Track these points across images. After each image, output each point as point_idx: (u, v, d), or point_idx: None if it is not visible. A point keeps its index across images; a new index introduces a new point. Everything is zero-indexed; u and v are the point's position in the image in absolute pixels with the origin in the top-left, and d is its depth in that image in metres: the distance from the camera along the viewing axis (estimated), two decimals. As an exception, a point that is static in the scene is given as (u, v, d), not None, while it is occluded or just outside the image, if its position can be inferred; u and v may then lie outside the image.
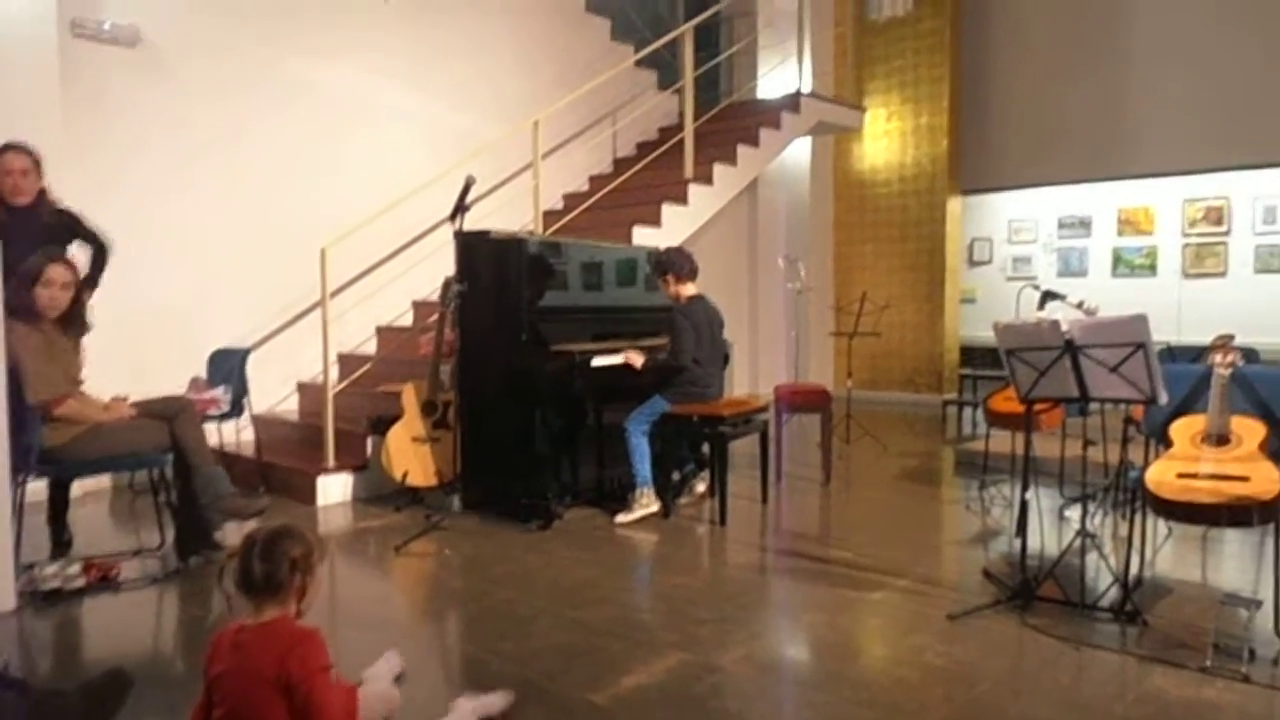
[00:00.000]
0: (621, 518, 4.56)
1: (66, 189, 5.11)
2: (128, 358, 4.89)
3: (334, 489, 5.10)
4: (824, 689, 2.66)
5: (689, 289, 4.80)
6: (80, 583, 3.50)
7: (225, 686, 1.81)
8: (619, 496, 4.75)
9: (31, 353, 3.48)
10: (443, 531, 4.35)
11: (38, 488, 3.81)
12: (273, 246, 6.09)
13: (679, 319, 4.64)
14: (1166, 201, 8.56)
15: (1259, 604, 3.10)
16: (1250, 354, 4.54)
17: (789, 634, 3.19)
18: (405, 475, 4.82)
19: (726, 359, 5.41)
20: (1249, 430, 3.09)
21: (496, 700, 2.47)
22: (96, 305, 4.12)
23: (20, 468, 3.47)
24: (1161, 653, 2.83)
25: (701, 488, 5.09)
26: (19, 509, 3.43)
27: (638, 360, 4.71)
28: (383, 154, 6.68)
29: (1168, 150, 8.17)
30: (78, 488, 4.98)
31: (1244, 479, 2.87)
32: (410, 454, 4.86)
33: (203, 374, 5.47)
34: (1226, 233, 8.25)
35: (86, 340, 3.89)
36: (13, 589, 3.30)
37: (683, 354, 4.61)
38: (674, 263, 4.78)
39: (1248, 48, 7.74)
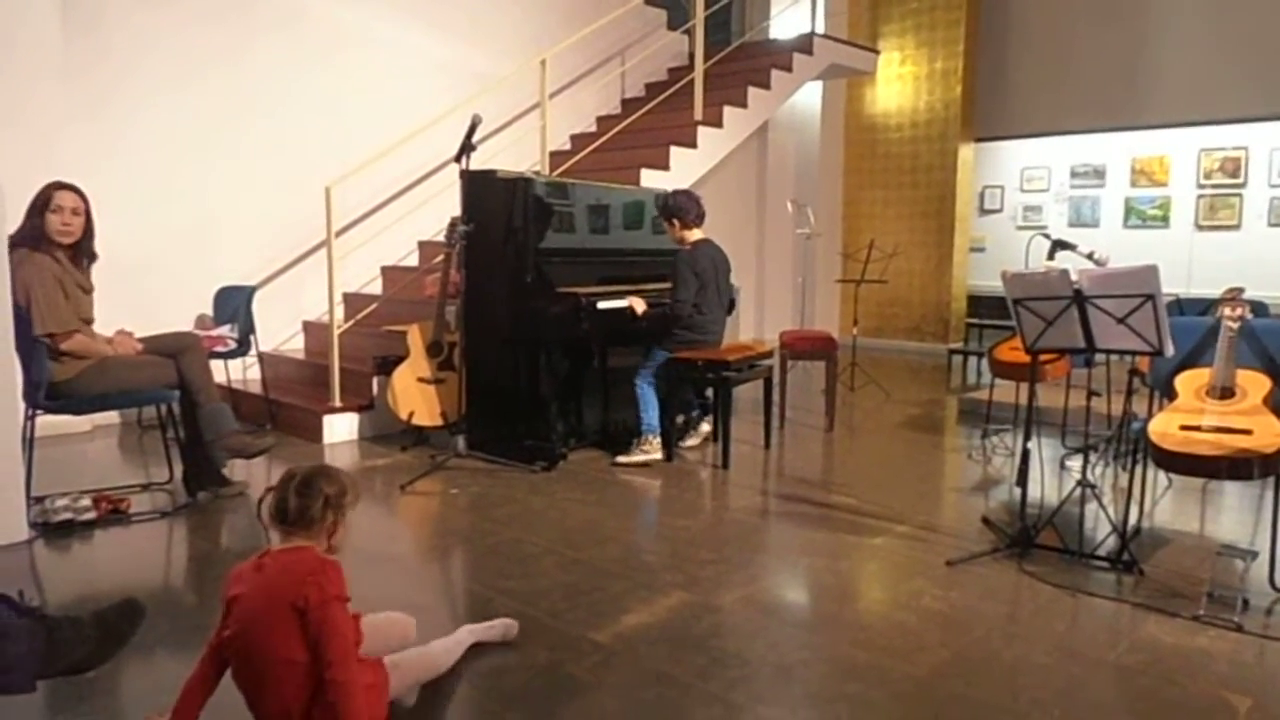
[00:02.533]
0: (621, 459, 4.60)
1: (66, 116, 5.07)
2: (132, 294, 4.89)
3: (340, 427, 5.14)
4: (822, 631, 2.70)
5: (695, 234, 4.76)
6: (91, 515, 3.55)
7: (240, 607, 1.85)
8: (623, 440, 4.78)
9: (45, 284, 3.48)
10: (448, 471, 4.39)
11: (48, 421, 3.84)
12: (277, 184, 6.05)
13: (681, 266, 4.60)
14: (1182, 151, 8.45)
15: (1255, 555, 3.13)
16: (1259, 307, 4.51)
17: (789, 577, 3.23)
18: (411, 415, 4.85)
19: (733, 304, 5.39)
20: (1254, 383, 3.09)
21: (497, 626, 2.55)
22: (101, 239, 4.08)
23: (30, 402, 3.50)
24: (1156, 601, 2.86)
25: (706, 428, 5.12)
26: (29, 442, 3.47)
27: (640, 307, 4.70)
28: (389, 91, 6.60)
29: (1186, 99, 8.02)
30: (87, 422, 5.05)
31: (1247, 432, 2.87)
32: (416, 394, 4.88)
33: (209, 311, 5.48)
34: (1242, 185, 8.15)
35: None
36: (24, 520, 3.36)
37: (682, 302, 4.58)
38: (680, 207, 4.72)
39: (1273, -6, 7.55)
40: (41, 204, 3.54)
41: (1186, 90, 8.02)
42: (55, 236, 3.56)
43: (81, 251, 3.70)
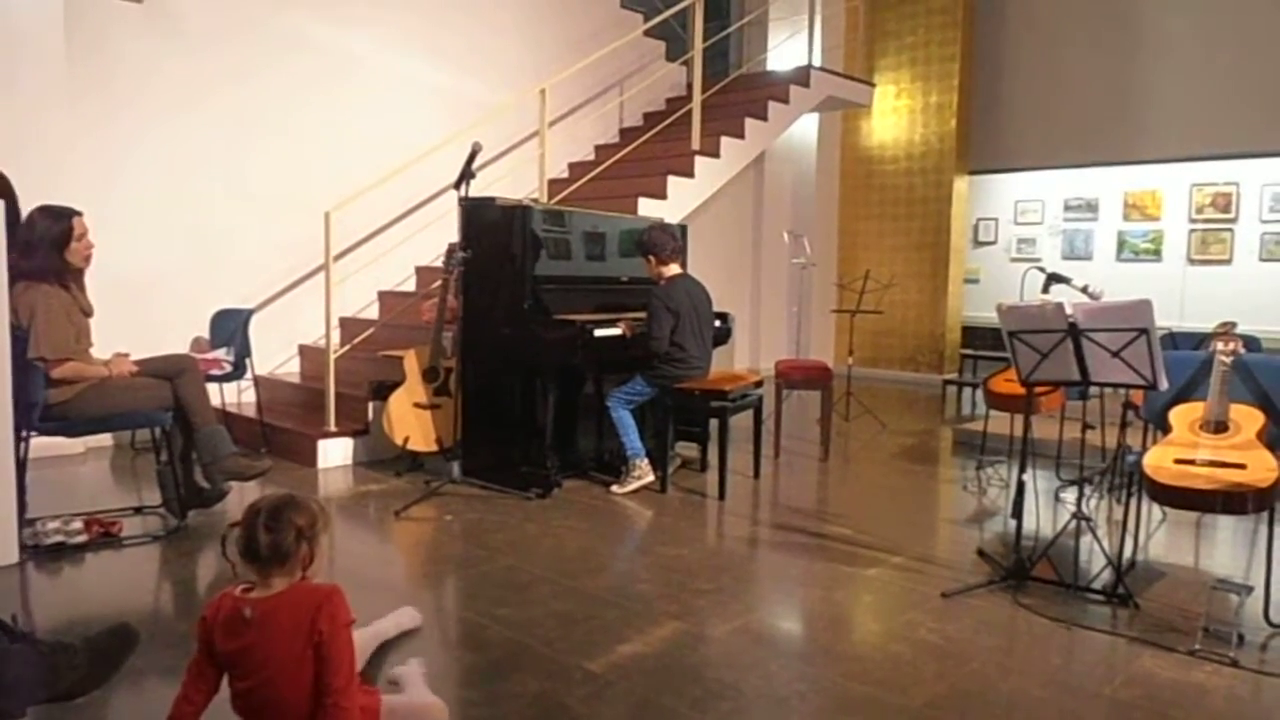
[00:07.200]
0: (617, 489, 4.59)
1: (70, 140, 5.09)
2: (131, 316, 4.89)
3: (335, 452, 5.12)
4: (817, 662, 2.69)
5: (671, 269, 4.70)
6: (82, 538, 3.53)
7: (252, 660, 1.80)
8: (618, 468, 4.77)
9: (53, 311, 3.49)
10: (443, 497, 4.38)
11: (40, 443, 3.82)
12: (277, 208, 6.08)
13: (655, 303, 4.54)
14: (1174, 186, 8.52)
15: (1250, 590, 3.13)
16: (1252, 342, 4.54)
17: (784, 607, 3.22)
18: (406, 440, 4.84)
19: (728, 333, 5.40)
20: (1248, 418, 3.10)
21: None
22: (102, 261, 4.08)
23: (24, 424, 3.49)
24: (1152, 635, 2.86)
25: (680, 455, 5.11)
26: (22, 464, 3.46)
27: (626, 331, 4.70)
28: (389, 118, 6.65)
29: (1177, 135, 8.12)
30: (80, 444, 5.03)
31: (1240, 466, 2.88)
32: (411, 419, 4.88)
33: (205, 334, 5.48)
34: (1233, 220, 8.22)
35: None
36: (16, 543, 3.33)
37: (658, 339, 4.52)
38: (656, 243, 4.66)
39: (1260, 33, 7.67)
40: (63, 237, 3.54)
41: (1177, 126, 8.12)
42: (82, 264, 3.61)
43: (81, 272, 3.73)
